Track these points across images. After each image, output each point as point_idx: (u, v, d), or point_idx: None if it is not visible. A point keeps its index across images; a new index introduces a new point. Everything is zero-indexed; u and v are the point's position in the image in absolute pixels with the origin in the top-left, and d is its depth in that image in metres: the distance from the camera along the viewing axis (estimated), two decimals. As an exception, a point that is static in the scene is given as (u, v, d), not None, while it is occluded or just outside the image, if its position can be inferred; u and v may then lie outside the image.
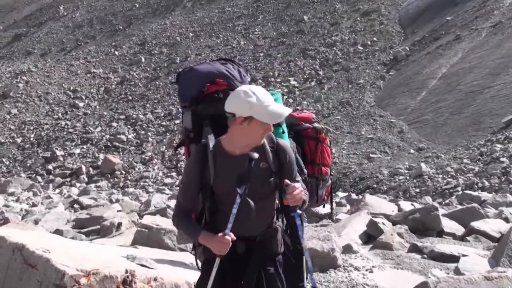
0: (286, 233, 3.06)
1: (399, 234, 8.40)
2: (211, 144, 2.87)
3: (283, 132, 3.40)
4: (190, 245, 7.51)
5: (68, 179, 30.12)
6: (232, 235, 2.69)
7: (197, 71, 3.23)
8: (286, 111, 2.81)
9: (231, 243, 2.69)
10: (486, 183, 18.81)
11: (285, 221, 3.10)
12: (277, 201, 2.99)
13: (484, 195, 15.84)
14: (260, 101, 2.71)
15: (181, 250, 7.28)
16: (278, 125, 3.32)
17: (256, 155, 2.75)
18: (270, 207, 2.95)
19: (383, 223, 8.87)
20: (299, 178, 3.01)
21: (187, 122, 3.21)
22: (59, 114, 38.18)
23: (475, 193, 16.29)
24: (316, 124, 4.26)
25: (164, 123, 35.59)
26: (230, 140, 2.86)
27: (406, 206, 11.92)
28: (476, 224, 9.04)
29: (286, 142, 3.06)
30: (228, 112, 2.78)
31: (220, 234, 2.71)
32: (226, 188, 2.81)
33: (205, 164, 2.83)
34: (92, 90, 40.90)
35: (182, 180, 2.98)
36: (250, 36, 43.93)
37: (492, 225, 9.13)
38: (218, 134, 2.96)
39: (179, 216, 2.94)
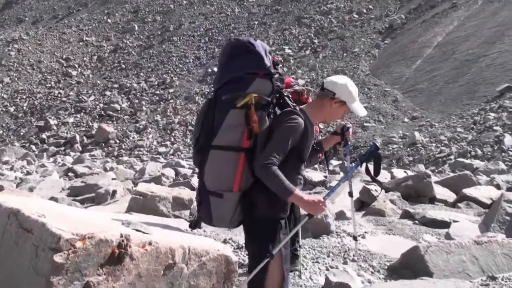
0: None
1: (392, 201, 8.49)
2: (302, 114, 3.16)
3: None
4: (185, 212, 7.57)
5: (62, 148, 30.10)
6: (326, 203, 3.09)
7: (262, 43, 3.27)
8: (364, 113, 3.33)
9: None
10: (479, 152, 18.94)
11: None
12: None
13: (477, 163, 15.98)
14: (355, 95, 3.27)
15: (176, 216, 7.33)
16: None
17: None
18: None
19: (375, 190, 8.95)
20: None
21: (266, 89, 3.18)
22: (52, 83, 37.91)
23: (468, 161, 16.42)
24: (296, 87, 4.30)
25: (158, 91, 35.42)
26: (315, 112, 3.27)
27: (399, 173, 12.01)
28: (467, 191, 9.14)
29: None
30: (328, 90, 3.23)
31: (320, 198, 3.05)
32: (306, 155, 3.22)
33: (306, 131, 3.13)
34: (85, 58, 40.54)
35: (282, 139, 3.08)
36: (245, 3, 43.45)
37: (484, 192, 9.24)
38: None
39: (275, 168, 3.01)
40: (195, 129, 3.30)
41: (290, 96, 3.40)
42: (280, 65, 3.37)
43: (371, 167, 3.42)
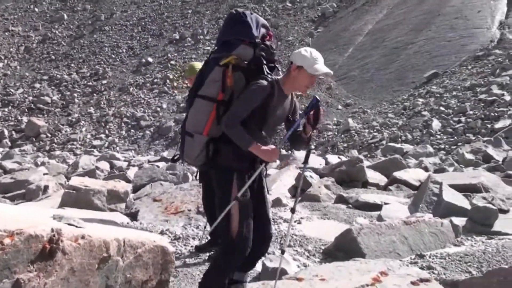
0: None
1: (326, 186, 8.69)
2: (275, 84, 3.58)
3: None
4: (121, 205, 7.46)
5: (-11, 144, 28.82)
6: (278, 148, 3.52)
7: (257, 17, 3.81)
8: (326, 70, 3.56)
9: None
10: (409, 136, 19.67)
11: None
12: None
13: (406, 147, 16.60)
14: (312, 58, 3.53)
15: (111, 210, 7.21)
16: None
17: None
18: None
19: (311, 176, 9.14)
20: None
21: (245, 54, 3.65)
22: (-24, 76, 36.15)
23: (398, 145, 17.03)
24: None
25: (90, 83, 34.48)
26: (284, 81, 3.63)
27: (333, 159, 12.30)
28: (397, 174, 9.50)
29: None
30: (290, 60, 3.62)
31: (274, 146, 3.52)
32: (272, 117, 3.61)
33: (271, 96, 3.54)
34: (11, 49, 38.81)
35: (245, 98, 3.52)
36: (178, -9, 42.89)
37: (413, 174, 9.63)
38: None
39: (236, 124, 3.48)
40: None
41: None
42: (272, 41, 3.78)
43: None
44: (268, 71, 3.63)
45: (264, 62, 3.63)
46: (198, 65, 5.02)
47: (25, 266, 2.96)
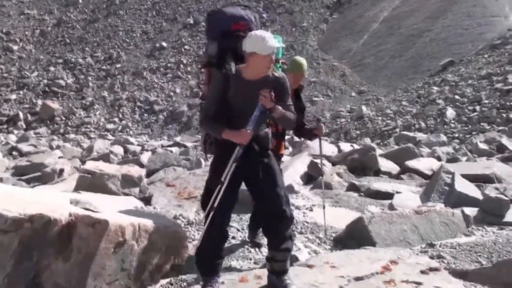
0: None
1: (338, 174, 8.73)
2: (233, 69, 3.69)
3: (280, 67, 4.23)
4: (135, 190, 7.56)
5: (5, 126, 29.12)
6: (251, 131, 3.57)
7: (224, 12, 4.01)
8: (277, 44, 3.61)
9: (250, 136, 3.57)
10: (423, 124, 19.57)
11: None
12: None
13: (419, 136, 16.52)
14: (259, 40, 3.54)
15: (125, 194, 7.31)
16: (277, 62, 4.12)
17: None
18: (263, 118, 3.77)
19: (323, 164, 9.16)
20: (292, 108, 3.81)
21: (211, 51, 3.95)
22: (-8, 58, 36.43)
23: (411, 134, 16.96)
24: None
25: (104, 67, 34.64)
26: (245, 69, 3.68)
27: (346, 147, 12.30)
28: (410, 163, 9.50)
29: (284, 75, 3.84)
30: (243, 49, 3.63)
31: (243, 130, 3.57)
32: (240, 104, 3.64)
33: (228, 84, 3.66)
34: (26, 32, 39.02)
35: (209, 94, 3.77)
36: (192, -24, 42.72)
37: (425, 164, 9.62)
38: (235, 63, 3.74)
39: (206, 119, 3.75)
40: None
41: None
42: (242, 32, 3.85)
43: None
44: (229, 62, 3.73)
45: (230, 54, 3.78)
46: (303, 62, 5.09)
47: (44, 249, 3.05)
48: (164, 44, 35.61)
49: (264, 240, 4.86)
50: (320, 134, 5.04)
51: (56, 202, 3.69)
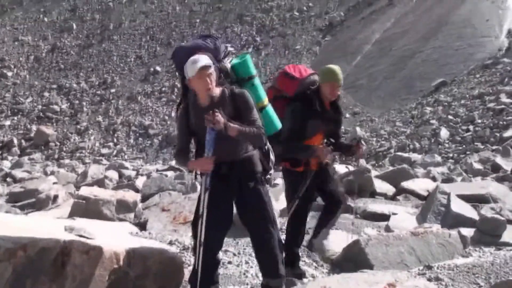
0: None
1: (334, 196, 8.68)
2: (192, 99, 3.76)
3: (252, 85, 4.04)
4: (130, 215, 7.51)
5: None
6: (211, 157, 3.57)
7: (183, 47, 4.08)
8: (200, 65, 3.55)
9: (212, 162, 3.57)
10: (417, 145, 19.62)
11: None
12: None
13: (414, 156, 16.57)
14: (189, 64, 3.60)
15: (120, 220, 7.26)
16: (250, 79, 4.03)
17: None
18: (242, 140, 3.73)
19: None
20: (259, 123, 3.72)
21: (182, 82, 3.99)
22: (-14, 85, 36.44)
23: (406, 155, 17.00)
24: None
25: (99, 92, 34.70)
26: (196, 96, 3.73)
27: (341, 169, 12.29)
28: (405, 184, 9.50)
29: (244, 91, 3.79)
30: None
31: (204, 157, 3.61)
32: (202, 131, 3.62)
33: (187, 115, 3.78)
34: (21, 58, 39.12)
35: (176, 131, 3.99)
36: (186, 1, 43.10)
37: (421, 184, 9.62)
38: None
39: (176, 155, 3.95)
40: None
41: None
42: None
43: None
44: (191, 94, 3.79)
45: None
46: (337, 69, 4.93)
47: (38, 277, 3.02)
48: (158, 68, 35.75)
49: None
50: (358, 153, 5.02)
51: (49, 229, 3.66)
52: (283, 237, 4.64)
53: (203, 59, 3.61)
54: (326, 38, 36.18)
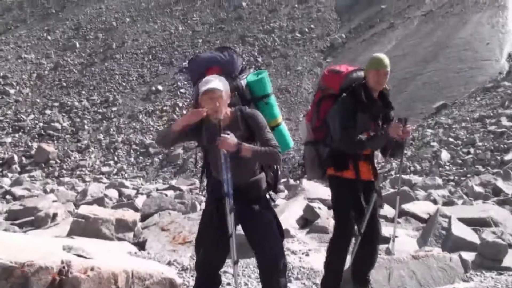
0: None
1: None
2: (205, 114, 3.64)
3: (267, 103, 4.02)
4: (129, 235, 7.47)
5: (0, 169, 29.00)
6: (200, 109, 3.57)
7: (199, 58, 4.10)
8: (208, 87, 3.52)
9: (200, 111, 3.55)
10: (418, 167, 19.60)
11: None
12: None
13: (415, 179, 16.53)
14: (202, 85, 3.57)
15: (119, 239, 7.23)
16: (266, 97, 4.01)
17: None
18: (251, 163, 3.70)
19: (319, 208, 9.09)
20: (274, 142, 3.65)
21: (193, 98, 4.01)
22: (-12, 102, 36.57)
23: (407, 177, 16.95)
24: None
25: (100, 110, 34.79)
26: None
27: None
28: (406, 206, 9.45)
29: (255, 111, 3.74)
30: None
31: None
32: (213, 149, 3.62)
33: (200, 129, 3.71)
34: (23, 76, 39.31)
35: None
36: (188, 21, 43.49)
37: (421, 207, 9.58)
38: None
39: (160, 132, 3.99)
40: None
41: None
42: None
43: None
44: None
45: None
46: (384, 56, 4.69)
47: (35, 298, 2.99)
48: (160, 87, 35.89)
49: None
50: (405, 136, 4.31)
51: (48, 248, 3.64)
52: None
53: (215, 82, 3.57)
54: (328, 59, 36.38)
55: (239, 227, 3.74)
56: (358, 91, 4.36)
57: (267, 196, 3.88)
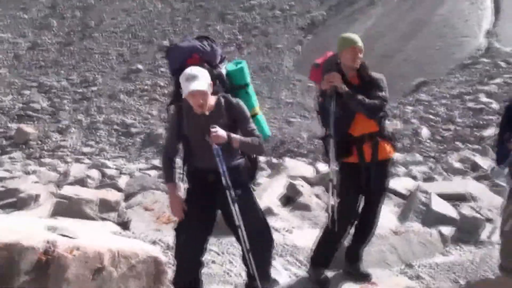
0: None
1: (317, 195, 8.75)
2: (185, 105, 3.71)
3: (246, 93, 4.07)
4: (112, 214, 7.48)
5: (-22, 151, 28.61)
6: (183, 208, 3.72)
7: (179, 47, 4.01)
8: (192, 89, 3.51)
9: (182, 213, 3.71)
10: (399, 144, 19.77)
11: None
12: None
13: (396, 155, 16.69)
14: (183, 82, 3.56)
15: (103, 219, 7.24)
16: (245, 87, 4.05)
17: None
18: (232, 149, 3.70)
19: (301, 185, 9.18)
20: (257, 132, 3.76)
21: (172, 87, 4.00)
22: (-36, 82, 35.91)
23: (387, 154, 17.12)
24: None
25: (80, 90, 34.30)
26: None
27: (323, 167, 12.37)
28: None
29: (239, 101, 3.77)
30: None
31: (177, 198, 3.76)
32: (196, 138, 3.68)
33: (181, 120, 3.73)
34: (0, 56, 38.61)
35: (167, 131, 4.04)
36: (167, -1, 42.92)
37: (402, 184, 9.70)
38: None
39: (163, 160, 3.91)
40: None
41: None
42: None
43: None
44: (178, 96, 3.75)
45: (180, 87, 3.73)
46: (352, 35, 4.87)
47: (21, 278, 3.01)
48: (140, 66, 35.50)
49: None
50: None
51: (32, 229, 3.65)
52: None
53: (198, 82, 3.55)
54: (308, 37, 36.27)
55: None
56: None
57: (247, 182, 3.94)
